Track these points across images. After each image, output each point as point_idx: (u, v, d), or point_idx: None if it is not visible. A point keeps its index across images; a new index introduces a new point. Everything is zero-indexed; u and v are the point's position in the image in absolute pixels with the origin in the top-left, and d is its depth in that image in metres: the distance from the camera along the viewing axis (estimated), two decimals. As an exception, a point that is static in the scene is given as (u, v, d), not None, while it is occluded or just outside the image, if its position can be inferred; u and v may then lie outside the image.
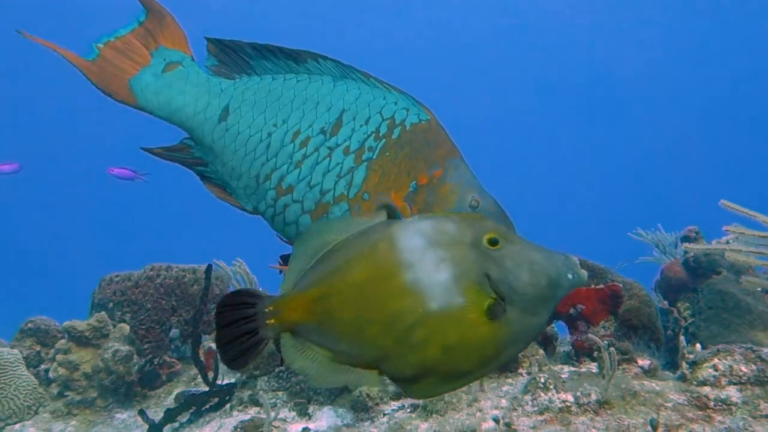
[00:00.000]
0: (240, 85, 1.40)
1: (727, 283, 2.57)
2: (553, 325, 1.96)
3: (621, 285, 1.79)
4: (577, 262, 0.71)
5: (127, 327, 2.24)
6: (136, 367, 2.13)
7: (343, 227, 0.79)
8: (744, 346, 1.38)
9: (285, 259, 1.78)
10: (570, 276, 0.71)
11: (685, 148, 16.83)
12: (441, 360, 0.72)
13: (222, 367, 2.09)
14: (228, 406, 1.66)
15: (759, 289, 2.64)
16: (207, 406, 1.71)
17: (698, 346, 1.45)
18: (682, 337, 1.47)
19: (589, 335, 1.42)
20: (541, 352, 1.79)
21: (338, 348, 0.76)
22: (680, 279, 2.67)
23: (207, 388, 1.80)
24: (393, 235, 0.74)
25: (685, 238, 2.76)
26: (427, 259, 0.71)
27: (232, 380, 1.85)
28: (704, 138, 16.76)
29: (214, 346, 2.29)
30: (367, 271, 0.73)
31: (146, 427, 1.69)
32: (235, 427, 1.46)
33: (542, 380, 1.40)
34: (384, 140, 1.35)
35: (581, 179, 17.77)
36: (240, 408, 1.62)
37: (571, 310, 1.81)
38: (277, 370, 1.67)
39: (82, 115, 14.88)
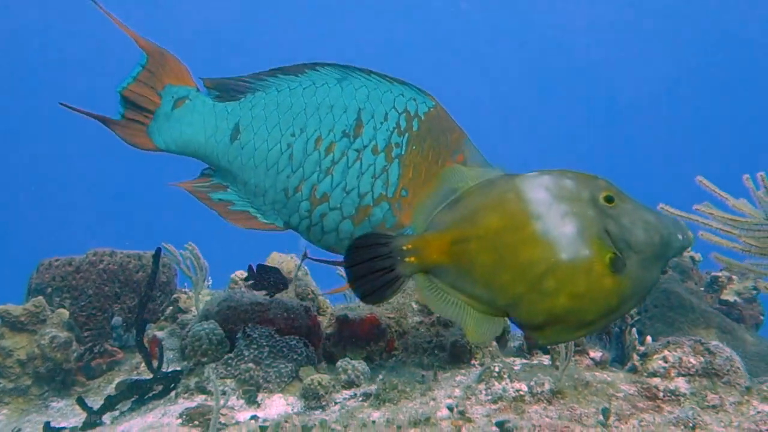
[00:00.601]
0: (246, 103, 1.39)
1: (672, 283, 2.63)
2: (506, 319, 1.96)
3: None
4: (686, 225, 0.76)
5: (67, 312, 2.14)
6: (75, 354, 2.03)
7: (467, 176, 0.82)
8: (693, 338, 1.41)
9: (260, 269, 1.71)
10: (680, 237, 0.75)
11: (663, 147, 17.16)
12: (569, 308, 0.75)
13: (167, 355, 2.02)
14: (173, 393, 1.59)
15: (702, 288, 2.72)
16: (151, 394, 1.64)
17: (649, 338, 1.47)
18: (634, 330, 1.48)
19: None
20: (494, 344, 1.79)
21: (472, 291, 0.79)
22: (628, 277, 2.73)
23: (151, 376, 1.73)
24: (519, 187, 0.77)
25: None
26: (553, 212, 0.75)
27: (178, 368, 1.79)
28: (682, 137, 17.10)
29: (159, 334, 2.21)
30: (501, 220, 0.77)
31: (84, 415, 1.61)
32: (181, 414, 1.40)
33: (496, 369, 1.39)
34: (407, 134, 1.38)
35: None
36: (186, 395, 1.56)
37: (525, 303, 1.81)
38: (225, 357, 1.62)
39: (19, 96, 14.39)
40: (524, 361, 1.77)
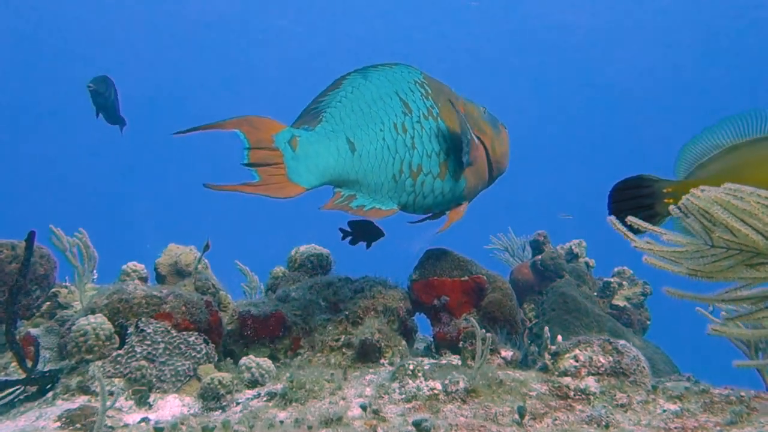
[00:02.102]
0: (332, 119, 1.56)
1: (568, 287, 2.71)
2: (413, 318, 1.93)
3: (485, 278, 1.79)
4: None
5: (-77, 305, 1.88)
6: (-69, 352, 1.78)
7: (732, 133, 0.90)
8: (602, 338, 1.42)
9: (354, 225, 1.89)
10: None
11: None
12: None
13: (43, 354, 1.81)
14: (51, 394, 1.42)
15: (595, 293, 2.82)
16: (23, 396, 1.46)
17: (560, 338, 1.47)
18: (546, 329, 1.48)
19: (471, 318, 1.39)
20: (404, 343, 1.74)
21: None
22: (527, 281, 2.78)
23: (24, 376, 1.54)
24: None
25: (534, 242, 2.88)
26: None
27: (57, 367, 1.60)
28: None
29: (33, 331, 1.99)
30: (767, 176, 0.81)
31: (-60, 420, 1.40)
32: (60, 416, 1.24)
33: (411, 368, 1.34)
34: (429, 97, 1.67)
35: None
36: (66, 396, 1.39)
37: (436, 302, 1.78)
38: (114, 354, 1.46)
39: None
40: (432, 361, 1.73)
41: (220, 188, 1.35)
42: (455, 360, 1.70)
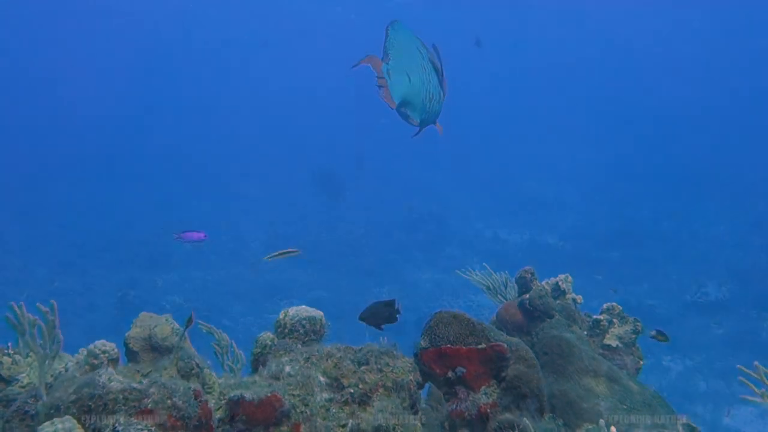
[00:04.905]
0: (395, 58, 2.22)
1: (561, 328, 2.58)
2: (419, 391, 1.73)
3: (506, 345, 1.61)
4: None
5: None
6: None
7: None
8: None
9: (370, 312, 2.08)
10: None
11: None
12: None
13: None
14: None
15: (585, 333, 2.70)
16: None
17: (614, 429, 1.30)
18: (602, 421, 1.31)
19: (525, 420, 1.21)
20: (419, 425, 1.55)
21: None
22: (516, 321, 2.63)
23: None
24: None
25: (521, 279, 2.74)
26: None
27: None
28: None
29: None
30: None
31: None
32: None
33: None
34: (423, 44, 2.31)
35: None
36: None
37: (450, 374, 1.60)
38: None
39: None
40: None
41: (388, 101, 2.22)
42: (477, 441, 1.52)
